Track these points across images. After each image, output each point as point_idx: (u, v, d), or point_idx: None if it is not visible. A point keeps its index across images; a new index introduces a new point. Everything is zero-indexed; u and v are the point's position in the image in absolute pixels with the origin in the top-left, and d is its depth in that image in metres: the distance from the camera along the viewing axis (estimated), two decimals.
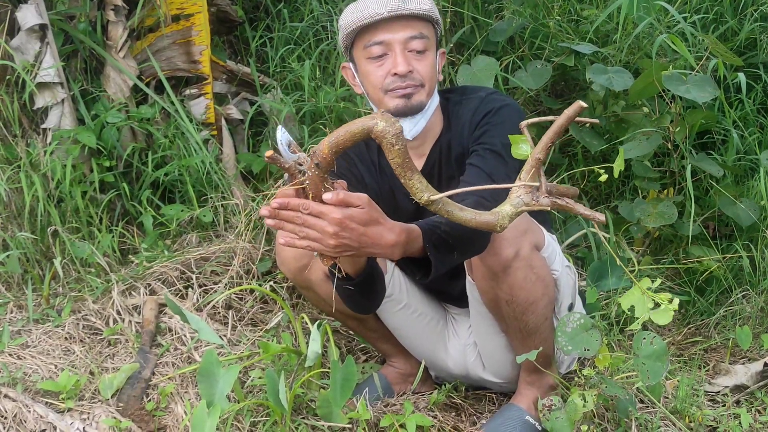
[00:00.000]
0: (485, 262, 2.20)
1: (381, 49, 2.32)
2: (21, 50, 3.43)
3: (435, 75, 2.38)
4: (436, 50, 2.41)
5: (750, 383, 2.80)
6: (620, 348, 2.99)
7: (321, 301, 2.56)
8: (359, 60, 2.38)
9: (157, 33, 3.77)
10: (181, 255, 3.24)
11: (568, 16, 3.97)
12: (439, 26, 2.42)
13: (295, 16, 4.30)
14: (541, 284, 2.27)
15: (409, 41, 2.31)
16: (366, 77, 2.38)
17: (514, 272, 2.21)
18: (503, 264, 2.19)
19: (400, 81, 2.30)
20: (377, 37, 2.31)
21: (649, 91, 3.33)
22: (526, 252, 2.21)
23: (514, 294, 2.24)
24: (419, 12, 2.29)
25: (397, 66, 2.29)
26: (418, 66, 2.32)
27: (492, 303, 2.34)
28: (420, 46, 2.32)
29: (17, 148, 3.38)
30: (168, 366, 2.71)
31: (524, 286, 2.24)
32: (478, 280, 2.31)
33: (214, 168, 3.54)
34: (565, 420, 2.22)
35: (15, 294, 3.10)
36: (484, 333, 2.55)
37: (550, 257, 2.33)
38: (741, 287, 3.27)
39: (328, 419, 2.38)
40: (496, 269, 2.20)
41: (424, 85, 2.32)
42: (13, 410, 2.36)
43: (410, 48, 2.31)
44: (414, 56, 2.32)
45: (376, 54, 2.32)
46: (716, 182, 3.44)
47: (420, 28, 2.32)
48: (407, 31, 2.30)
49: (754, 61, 3.88)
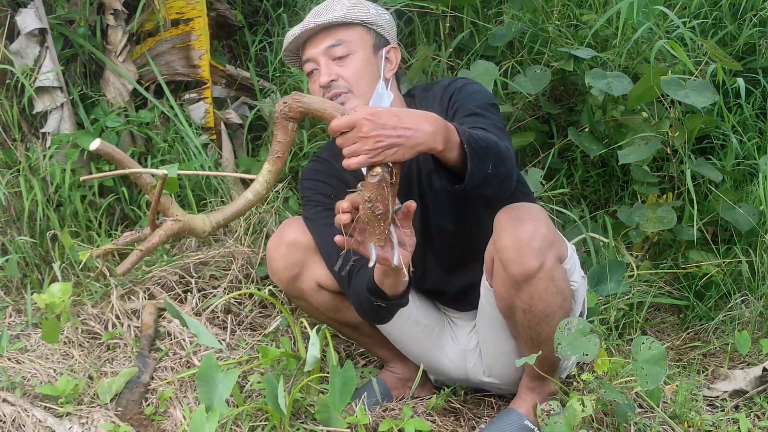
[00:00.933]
0: (508, 269, 2.20)
1: (311, 65, 2.43)
2: (20, 54, 3.43)
3: (369, 75, 2.41)
4: (374, 50, 2.44)
5: (749, 388, 2.80)
6: (619, 353, 2.99)
7: (313, 309, 2.58)
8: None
9: (156, 37, 3.77)
10: (180, 259, 3.24)
11: (568, 21, 3.97)
12: (375, 26, 2.45)
13: (295, 21, 4.29)
14: (560, 297, 2.26)
15: (328, 50, 2.39)
16: (312, 94, 2.45)
17: (536, 283, 2.20)
18: (527, 274, 2.18)
19: (327, 91, 2.37)
20: (305, 55, 2.44)
21: (648, 95, 3.33)
22: (550, 264, 2.20)
23: (533, 304, 2.24)
24: (332, 20, 2.36)
25: (320, 77, 2.37)
26: (343, 71, 2.37)
27: (508, 310, 2.33)
28: (341, 51, 2.39)
29: (16, 152, 3.38)
30: (167, 370, 2.70)
31: (544, 298, 2.23)
32: (498, 286, 2.30)
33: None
34: (564, 425, 2.22)
35: (14, 298, 3.10)
36: (491, 337, 2.55)
37: (570, 269, 2.33)
38: (740, 292, 3.27)
39: (327, 424, 2.38)
40: (519, 279, 2.20)
41: (352, 89, 2.37)
42: (12, 414, 2.36)
43: (332, 56, 2.39)
44: (337, 63, 2.38)
45: (309, 70, 2.44)
46: (715, 187, 3.44)
47: (338, 35, 2.39)
48: (326, 41, 2.39)
49: (753, 66, 3.88)
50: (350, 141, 1.79)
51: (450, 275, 2.56)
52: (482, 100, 2.34)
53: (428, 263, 2.54)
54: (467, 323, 2.65)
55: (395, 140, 1.80)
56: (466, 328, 2.66)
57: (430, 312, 2.67)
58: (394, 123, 1.80)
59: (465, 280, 2.55)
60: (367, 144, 1.77)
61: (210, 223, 1.83)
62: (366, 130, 1.77)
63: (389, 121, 1.80)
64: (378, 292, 2.20)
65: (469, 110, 2.30)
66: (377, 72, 2.43)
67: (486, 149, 1.96)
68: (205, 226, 1.82)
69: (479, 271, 2.46)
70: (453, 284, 2.57)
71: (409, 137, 1.81)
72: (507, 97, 3.80)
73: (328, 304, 2.54)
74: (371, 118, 1.78)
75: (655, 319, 3.43)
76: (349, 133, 1.79)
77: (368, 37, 2.43)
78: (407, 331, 2.62)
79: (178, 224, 1.78)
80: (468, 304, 2.60)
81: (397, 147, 1.80)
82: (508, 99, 3.79)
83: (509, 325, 2.42)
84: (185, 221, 1.79)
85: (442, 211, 2.46)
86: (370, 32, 2.44)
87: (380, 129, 1.78)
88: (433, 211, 2.46)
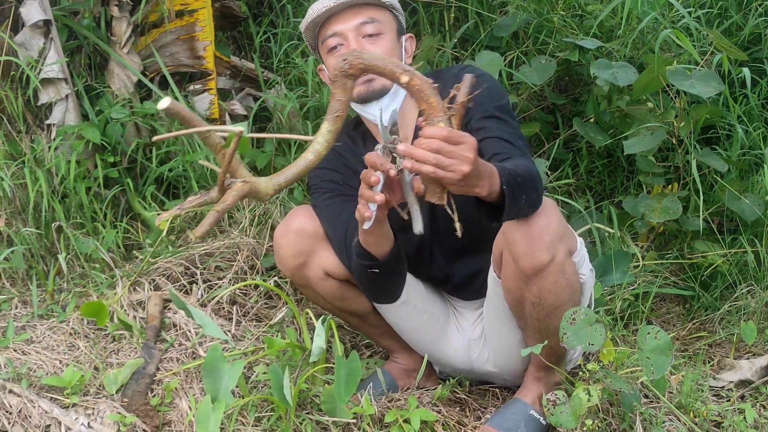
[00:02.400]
0: (519, 263, 2.19)
1: (336, 40, 2.39)
2: (25, 46, 3.43)
3: (396, 58, 2.39)
4: (397, 35, 2.44)
5: (755, 378, 2.80)
6: (625, 343, 2.99)
7: (320, 298, 2.57)
8: (323, 56, 2.47)
9: (161, 29, 3.77)
10: (186, 251, 3.24)
11: (573, 11, 3.96)
12: (399, 12, 2.47)
13: (299, 12, 4.29)
14: (569, 290, 2.26)
15: (360, 27, 2.37)
16: (329, 71, 2.44)
17: (546, 276, 2.19)
18: (537, 267, 2.18)
19: None
20: (331, 30, 2.39)
21: (654, 86, 3.32)
22: (561, 258, 2.20)
23: (543, 297, 2.23)
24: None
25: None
26: (374, 49, 2.35)
27: (516, 302, 2.33)
28: (373, 29, 2.37)
29: (21, 143, 3.38)
30: (172, 361, 2.71)
31: (554, 291, 2.22)
32: (507, 278, 2.30)
33: (218, 164, 3.53)
34: (570, 414, 2.22)
35: (20, 290, 3.10)
36: (497, 329, 2.54)
37: (579, 262, 2.32)
38: (746, 282, 3.27)
39: (332, 414, 2.39)
40: (529, 272, 2.19)
41: None
42: (18, 405, 2.37)
43: (363, 33, 2.37)
44: (368, 41, 2.37)
45: (333, 45, 2.40)
46: (721, 177, 3.44)
47: (371, 13, 2.38)
48: (357, 18, 2.37)
49: (759, 56, 3.87)
50: (452, 154, 1.77)
51: (455, 262, 2.55)
52: (499, 99, 2.35)
53: (434, 249, 2.54)
54: (472, 312, 2.65)
55: (476, 179, 1.82)
56: (470, 317, 2.66)
57: (436, 300, 2.67)
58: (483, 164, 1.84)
59: (470, 268, 2.55)
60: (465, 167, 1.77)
61: (272, 185, 1.81)
62: (472, 158, 1.78)
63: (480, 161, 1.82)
64: (366, 255, 2.22)
65: (488, 111, 2.30)
66: (399, 57, 2.43)
67: (522, 184, 1.99)
68: (268, 189, 1.80)
69: (484, 258, 2.46)
70: (458, 271, 2.57)
71: (483, 177, 1.85)
72: (512, 87, 3.79)
73: (334, 292, 2.54)
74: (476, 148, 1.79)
75: (660, 309, 3.43)
76: (455, 147, 1.76)
77: (393, 22, 2.44)
78: (413, 320, 2.62)
79: (246, 185, 1.76)
80: (473, 292, 2.60)
81: (470, 187, 1.84)
82: (513, 89, 3.79)
83: (517, 317, 2.42)
84: (252, 183, 1.77)
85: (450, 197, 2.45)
86: (395, 18, 2.45)
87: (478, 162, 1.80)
88: None
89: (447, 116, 1.78)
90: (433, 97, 1.77)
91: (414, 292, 2.61)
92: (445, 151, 1.75)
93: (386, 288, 2.43)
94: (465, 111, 2.30)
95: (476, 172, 1.80)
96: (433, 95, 1.77)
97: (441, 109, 1.78)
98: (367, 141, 2.54)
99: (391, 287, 2.43)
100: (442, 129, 1.76)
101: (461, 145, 1.76)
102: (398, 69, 1.76)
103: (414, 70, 1.76)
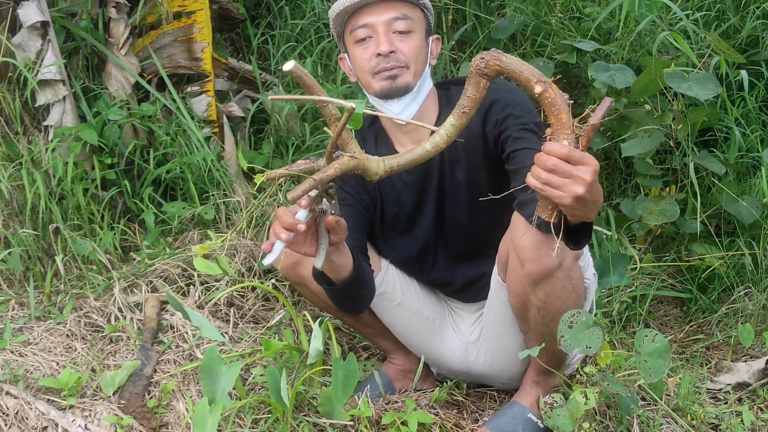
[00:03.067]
0: (526, 267, 2.17)
1: (365, 31, 2.36)
2: (23, 47, 3.43)
3: (422, 57, 2.38)
4: (426, 35, 2.42)
5: (752, 381, 2.80)
6: (622, 345, 2.99)
7: (315, 296, 2.56)
8: (349, 46, 2.43)
9: (158, 30, 3.77)
10: (183, 252, 3.24)
11: (570, 14, 3.96)
12: (429, 12, 2.44)
13: (297, 14, 4.29)
14: (575, 295, 2.25)
15: (392, 22, 2.34)
16: (354, 61, 2.42)
17: (554, 281, 2.18)
18: (545, 272, 2.16)
19: (384, 61, 2.32)
20: (361, 20, 2.36)
21: (651, 88, 3.32)
22: (568, 263, 2.19)
23: (549, 302, 2.22)
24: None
25: (380, 46, 2.32)
26: (402, 46, 2.33)
27: (521, 306, 2.31)
28: (404, 26, 2.34)
29: (19, 145, 3.38)
30: (170, 363, 2.71)
31: (560, 296, 2.21)
32: (514, 283, 2.28)
33: (215, 165, 3.54)
34: (567, 417, 2.22)
35: (17, 291, 3.10)
36: (498, 332, 2.54)
37: (584, 266, 2.32)
38: (743, 285, 3.27)
39: (329, 416, 2.38)
40: (537, 277, 2.17)
41: (409, 66, 2.34)
42: (15, 407, 2.36)
43: (394, 29, 2.34)
44: (398, 37, 2.34)
45: (361, 37, 2.36)
46: (718, 180, 3.44)
47: (404, 9, 2.35)
48: (390, 13, 2.34)
49: (756, 59, 3.87)
50: (566, 174, 1.70)
51: (457, 267, 2.55)
52: (534, 116, 2.32)
53: (438, 253, 2.54)
54: (470, 315, 2.65)
55: (589, 203, 1.75)
56: (469, 319, 2.66)
57: (431, 302, 2.67)
58: (598, 188, 1.77)
59: (472, 272, 2.55)
60: (579, 189, 1.70)
61: (384, 166, 1.83)
62: (589, 180, 1.69)
63: (597, 184, 1.75)
64: (323, 278, 2.19)
65: (527, 125, 2.27)
66: (427, 57, 2.42)
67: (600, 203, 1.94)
68: (378, 169, 1.82)
69: (485, 263, 2.46)
70: (460, 275, 2.57)
71: (594, 202, 1.77)
72: None
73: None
74: (596, 173, 1.72)
75: (658, 311, 3.43)
76: (572, 167, 1.70)
77: (423, 22, 2.42)
78: (407, 322, 2.62)
79: (353, 161, 1.78)
80: (472, 295, 2.60)
81: (583, 210, 1.77)
82: None
83: (520, 320, 2.41)
84: (361, 159, 1.78)
85: (460, 205, 2.45)
86: (425, 17, 2.43)
87: (594, 186, 1.72)
88: (449, 204, 2.46)
89: (574, 135, 1.71)
90: (564, 113, 1.71)
91: (408, 294, 2.61)
92: (560, 170, 1.69)
93: (348, 306, 2.39)
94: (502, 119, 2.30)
95: (591, 196, 1.72)
96: (565, 111, 1.71)
97: (569, 127, 1.71)
98: (379, 140, 2.53)
99: (352, 305, 2.38)
100: (563, 147, 1.69)
101: (580, 166, 1.69)
102: (534, 77, 1.72)
103: (550, 82, 1.72)
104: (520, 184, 2.11)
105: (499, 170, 2.34)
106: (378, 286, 2.55)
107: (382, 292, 2.56)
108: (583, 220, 1.82)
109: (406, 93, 2.34)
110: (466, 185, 2.39)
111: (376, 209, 2.52)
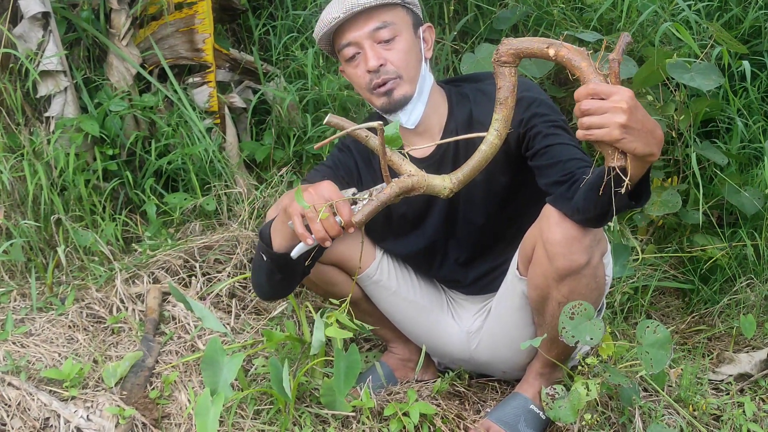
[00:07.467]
0: (555, 262, 2.17)
1: (352, 49, 2.33)
2: (24, 38, 3.42)
3: (414, 59, 2.35)
4: (414, 30, 2.38)
5: (754, 372, 2.80)
6: (624, 337, 2.99)
7: (312, 284, 2.55)
8: (343, 64, 2.41)
9: (160, 21, 3.76)
10: (185, 243, 3.24)
11: (572, 4, 3.95)
12: (412, 5, 2.39)
13: (298, 4, 4.28)
14: (597, 292, 2.26)
15: (375, 33, 2.30)
16: (351, 80, 2.41)
17: (580, 279, 2.18)
18: (573, 269, 2.16)
19: (376, 76, 2.30)
20: (345, 39, 2.33)
21: (654, 79, 3.32)
22: (596, 260, 2.19)
23: (571, 298, 2.21)
24: (375, 2, 2.28)
25: (368, 62, 2.30)
26: (391, 56, 2.30)
27: (541, 299, 2.31)
28: (388, 34, 2.31)
29: (20, 136, 3.37)
30: (172, 354, 2.71)
31: (583, 293, 2.21)
32: (537, 276, 2.26)
33: (217, 156, 3.54)
34: (569, 408, 2.22)
35: (18, 282, 3.10)
36: (509, 325, 2.53)
37: (606, 264, 2.32)
38: (745, 276, 3.27)
39: (331, 407, 2.39)
40: (564, 272, 2.17)
41: (402, 75, 2.31)
42: (17, 398, 2.37)
43: (378, 39, 2.31)
44: (384, 46, 2.31)
45: (350, 55, 2.34)
46: (720, 171, 3.43)
47: (382, 16, 2.30)
48: (370, 23, 2.30)
49: (759, 49, 3.86)
50: (602, 109, 1.69)
51: (467, 265, 2.54)
52: (561, 114, 2.31)
53: (449, 252, 2.53)
54: (473, 305, 2.64)
55: (641, 131, 1.72)
56: (471, 309, 2.65)
57: (429, 292, 2.67)
58: (642, 113, 1.73)
59: (480, 270, 2.54)
60: (620, 117, 1.68)
61: (450, 181, 1.93)
62: (626, 107, 1.68)
63: (642, 110, 1.72)
64: (267, 237, 2.18)
65: (557, 122, 2.26)
66: (420, 53, 2.38)
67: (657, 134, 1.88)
68: (445, 183, 1.92)
69: (493, 259, 2.45)
70: (469, 274, 2.57)
71: (646, 132, 1.73)
72: None
73: (324, 277, 2.51)
74: (634, 99, 1.70)
75: (660, 302, 3.43)
76: (604, 101, 1.69)
77: (408, 17, 2.36)
78: (404, 311, 2.62)
79: (411, 179, 1.90)
80: (478, 289, 2.59)
81: (637, 140, 1.72)
82: None
83: (536, 313, 2.40)
84: (420, 177, 1.91)
85: (475, 205, 2.43)
86: (408, 11, 2.38)
87: (637, 112, 1.70)
88: (464, 203, 2.43)
89: (601, 77, 1.73)
90: (583, 62, 1.74)
91: (404, 283, 2.60)
92: (594, 108, 1.70)
93: (261, 283, 2.35)
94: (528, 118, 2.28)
95: (637, 123, 1.70)
96: (583, 60, 1.74)
97: (593, 72, 1.73)
98: None
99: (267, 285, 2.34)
100: (585, 87, 1.71)
101: (613, 96, 1.69)
102: (544, 45, 1.76)
103: (560, 42, 1.75)
104: (555, 178, 2.13)
105: (518, 169, 2.33)
106: (372, 275, 2.55)
107: (377, 281, 2.56)
108: (648, 160, 1.78)
109: (406, 103, 2.33)
110: (483, 184, 2.37)
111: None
